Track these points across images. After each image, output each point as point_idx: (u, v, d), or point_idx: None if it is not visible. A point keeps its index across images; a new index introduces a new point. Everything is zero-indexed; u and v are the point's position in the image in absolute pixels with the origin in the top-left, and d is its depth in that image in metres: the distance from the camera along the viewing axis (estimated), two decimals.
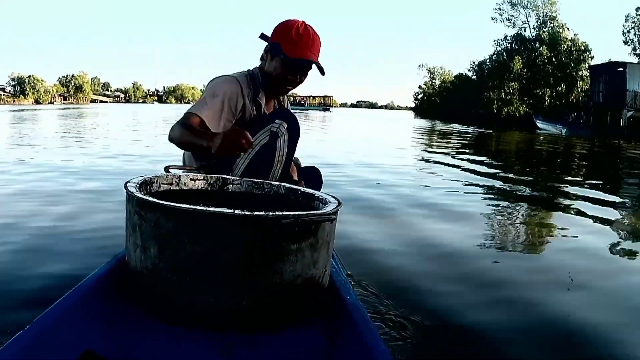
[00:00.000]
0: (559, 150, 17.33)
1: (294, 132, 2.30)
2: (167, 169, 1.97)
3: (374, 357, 1.24)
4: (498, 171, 9.42)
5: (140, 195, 1.49)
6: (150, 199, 1.47)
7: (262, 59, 2.38)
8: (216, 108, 2.17)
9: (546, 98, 47.70)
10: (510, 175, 9.01)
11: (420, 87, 77.31)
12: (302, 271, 1.48)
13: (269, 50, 2.31)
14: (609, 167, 12.64)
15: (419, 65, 78.21)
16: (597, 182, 8.56)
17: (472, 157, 12.05)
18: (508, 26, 55.32)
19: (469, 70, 60.24)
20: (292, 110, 2.51)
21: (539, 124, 35.80)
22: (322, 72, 2.30)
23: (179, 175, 1.95)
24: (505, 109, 48.80)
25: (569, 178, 9.14)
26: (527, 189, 7.24)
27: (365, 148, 13.88)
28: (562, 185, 7.76)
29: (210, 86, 2.26)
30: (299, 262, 1.46)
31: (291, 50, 2.22)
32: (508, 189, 7.20)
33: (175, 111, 44.43)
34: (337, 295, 1.60)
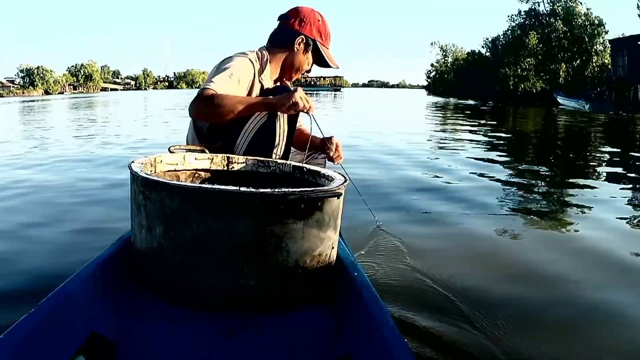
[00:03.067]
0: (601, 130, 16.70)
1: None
2: (171, 148, 1.95)
3: (383, 336, 1.21)
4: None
5: (144, 175, 1.48)
6: (155, 178, 1.45)
7: (285, 45, 2.42)
8: (231, 87, 2.15)
9: (560, 73, 47.08)
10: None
11: (432, 65, 76.82)
12: (309, 249, 1.46)
13: (305, 42, 2.41)
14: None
15: (431, 43, 77.92)
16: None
17: (496, 133, 12.03)
18: (522, 1, 54.55)
19: (482, 47, 59.69)
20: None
21: (560, 100, 35.11)
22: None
23: (184, 155, 1.93)
24: (522, 85, 48.29)
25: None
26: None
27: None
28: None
29: (225, 64, 2.24)
30: (305, 240, 1.44)
31: (329, 55, 2.47)
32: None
33: (186, 96, 44.62)
34: (345, 273, 1.58)
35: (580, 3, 49.57)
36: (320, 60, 2.49)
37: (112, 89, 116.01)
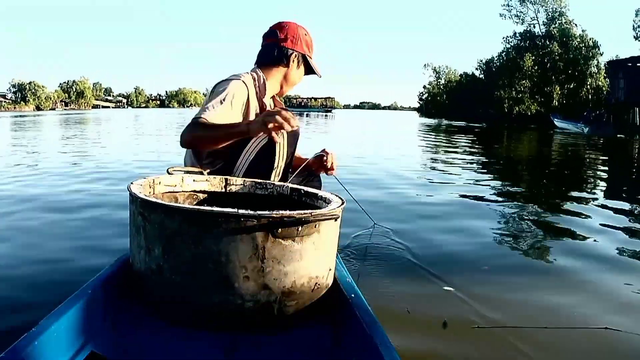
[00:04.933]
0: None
1: (293, 132, 2.30)
2: (169, 170, 1.97)
3: (380, 355, 1.23)
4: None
5: (143, 197, 1.49)
6: (154, 199, 1.47)
7: (275, 62, 2.43)
8: (224, 113, 2.14)
9: (554, 96, 47.14)
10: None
11: (424, 86, 76.66)
12: (306, 270, 1.48)
13: (297, 59, 2.45)
14: None
15: (424, 65, 78.00)
16: None
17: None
18: (517, 22, 54.75)
19: (476, 68, 59.85)
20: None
21: (557, 122, 34.76)
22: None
23: (182, 176, 1.95)
24: (517, 108, 48.23)
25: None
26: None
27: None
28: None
29: (218, 90, 2.23)
30: (303, 262, 1.46)
31: (315, 66, 2.52)
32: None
33: (177, 115, 44.14)
34: (342, 294, 1.59)
35: (576, 25, 49.98)
36: (307, 70, 2.55)
37: (103, 107, 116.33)
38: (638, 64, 33.46)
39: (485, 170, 8.86)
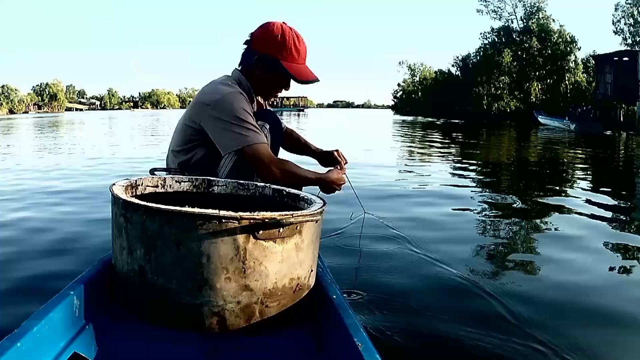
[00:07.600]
0: None
1: (277, 134, 2.30)
2: (152, 171, 1.97)
3: (361, 357, 1.25)
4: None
5: (125, 198, 1.50)
6: (136, 200, 1.47)
7: (249, 66, 2.34)
8: (257, 127, 2.20)
9: (532, 91, 47.15)
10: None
11: (399, 84, 75.94)
12: (288, 272, 1.49)
13: (264, 62, 2.28)
14: None
15: (399, 62, 77.39)
16: None
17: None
18: (494, 18, 54.66)
19: (453, 65, 59.47)
20: None
21: (542, 119, 34.28)
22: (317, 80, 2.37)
23: (165, 178, 1.95)
24: (496, 105, 48.01)
25: None
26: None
27: None
28: None
29: (231, 107, 2.16)
30: (284, 263, 1.47)
31: (296, 70, 2.28)
32: None
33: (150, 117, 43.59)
34: (324, 295, 1.61)
35: (554, 20, 50.10)
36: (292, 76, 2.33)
37: (77, 109, 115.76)
38: (624, 59, 32.72)
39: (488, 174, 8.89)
